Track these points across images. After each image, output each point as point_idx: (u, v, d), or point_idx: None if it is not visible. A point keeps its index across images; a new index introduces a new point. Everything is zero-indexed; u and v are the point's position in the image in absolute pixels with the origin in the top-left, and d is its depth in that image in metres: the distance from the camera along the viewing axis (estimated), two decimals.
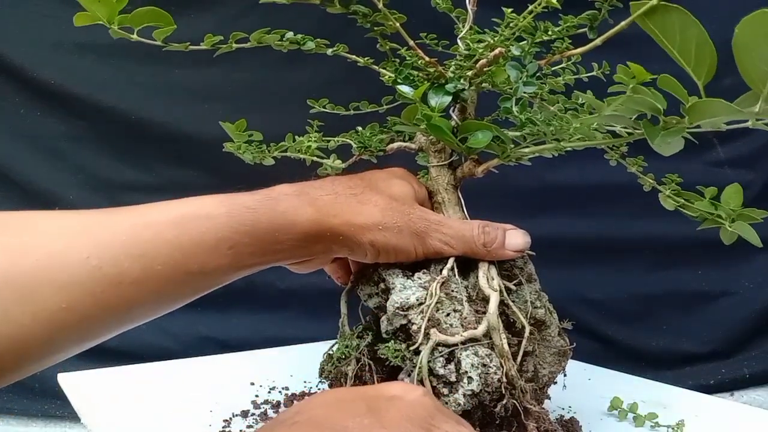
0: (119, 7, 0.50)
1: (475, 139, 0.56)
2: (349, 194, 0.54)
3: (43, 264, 0.43)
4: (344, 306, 0.60)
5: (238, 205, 0.49)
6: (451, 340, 0.52)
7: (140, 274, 0.45)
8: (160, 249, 0.46)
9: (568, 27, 0.61)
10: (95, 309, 0.44)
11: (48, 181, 1.21)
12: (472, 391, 0.51)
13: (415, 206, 0.57)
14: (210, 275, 0.49)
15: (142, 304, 0.47)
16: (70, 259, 0.44)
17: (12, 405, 1.25)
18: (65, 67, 1.16)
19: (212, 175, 1.20)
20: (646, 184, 0.63)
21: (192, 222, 0.48)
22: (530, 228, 0.61)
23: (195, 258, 0.47)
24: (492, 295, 0.55)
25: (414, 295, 0.55)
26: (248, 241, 0.49)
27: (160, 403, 0.66)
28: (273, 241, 0.50)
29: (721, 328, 1.23)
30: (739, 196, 0.56)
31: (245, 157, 0.65)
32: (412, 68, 0.60)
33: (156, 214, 0.48)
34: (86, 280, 0.44)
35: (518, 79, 0.54)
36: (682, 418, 0.67)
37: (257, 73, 1.10)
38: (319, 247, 0.53)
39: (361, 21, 0.62)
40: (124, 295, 0.45)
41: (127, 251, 0.45)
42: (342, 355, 0.58)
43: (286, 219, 0.50)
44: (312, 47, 0.61)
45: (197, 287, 0.50)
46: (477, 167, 0.62)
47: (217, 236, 0.48)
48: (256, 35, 0.59)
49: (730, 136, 1.15)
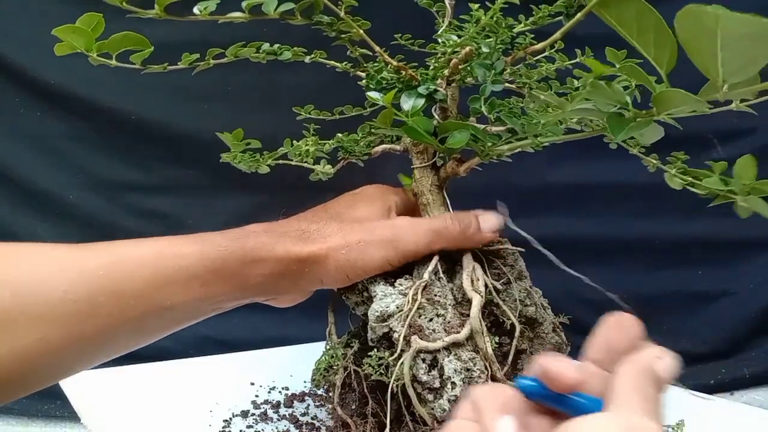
0: (95, 35, 0.51)
1: (453, 139, 0.55)
2: (313, 230, 0.56)
3: (21, 296, 0.44)
4: (331, 315, 0.60)
5: (209, 243, 0.51)
6: (432, 346, 0.52)
7: (114, 309, 0.47)
8: (135, 285, 0.48)
9: (542, 17, 0.60)
10: (70, 341, 0.45)
11: (48, 181, 1.20)
12: (456, 396, 0.50)
13: (383, 219, 0.58)
14: (183, 311, 0.51)
15: (116, 336, 0.48)
16: (47, 292, 0.45)
17: (12, 405, 1.25)
18: (65, 67, 1.15)
19: (212, 175, 1.20)
20: (650, 165, 0.61)
21: (165, 260, 0.49)
22: (530, 228, 0.61)
23: (168, 294, 0.49)
24: (474, 298, 0.54)
25: (394, 303, 0.54)
26: (219, 278, 0.51)
27: (160, 403, 0.66)
28: (243, 277, 0.52)
29: (721, 328, 1.23)
30: (754, 167, 0.51)
31: (241, 166, 0.65)
32: (382, 73, 0.60)
33: (131, 251, 0.49)
34: (62, 313, 0.45)
35: (486, 78, 0.54)
36: (682, 418, 0.67)
37: (257, 73, 1.10)
38: (287, 282, 0.54)
39: (326, 30, 0.61)
40: (98, 328, 0.46)
41: (102, 286, 0.46)
42: (328, 365, 0.58)
43: (255, 255, 0.52)
44: (289, 56, 0.61)
45: (171, 321, 0.52)
46: (459, 167, 0.62)
47: (188, 274, 0.50)
48: (233, 50, 0.59)
49: (730, 136, 1.15)
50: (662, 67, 0.40)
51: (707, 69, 0.37)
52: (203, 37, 0.59)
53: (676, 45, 0.39)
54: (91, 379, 0.70)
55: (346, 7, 0.57)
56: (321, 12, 0.58)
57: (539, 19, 0.59)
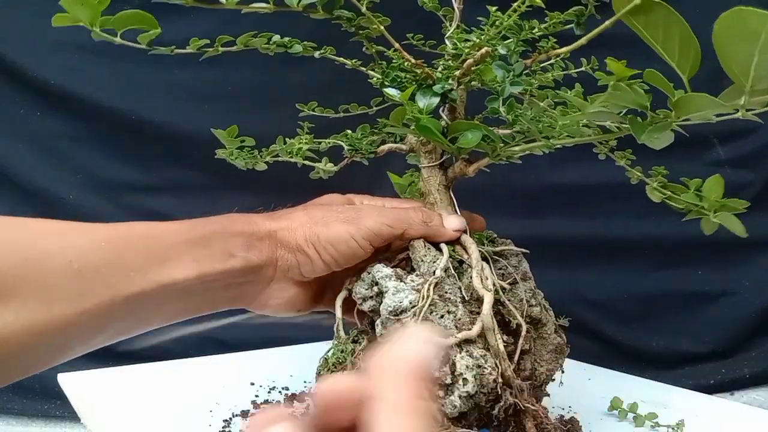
0: (101, 8, 0.50)
1: (465, 139, 0.56)
2: (280, 213, 0.61)
3: (28, 265, 0.45)
4: (339, 310, 0.60)
5: (194, 221, 0.55)
6: (445, 342, 0.52)
7: (116, 280, 0.48)
8: (135, 257, 0.50)
9: (554, 24, 0.61)
10: (74, 314, 0.46)
11: (48, 181, 1.20)
12: (468, 392, 0.51)
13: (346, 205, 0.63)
14: (178, 290, 0.52)
15: (117, 314, 0.49)
16: (53, 262, 0.45)
17: (12, 405, 1.25)
18: (65, 67, 1.15)
19: (212, 175, 1.20)
20: (633, 177, 0.63)
21: (161, 234, 0.52)
22: (530, 228, 0.61)
23: (165, 270, 0.51)
24: (486, 296, 0.55)
25: (407, 298, 0.54)
26: (208, 254, 0.53)
27: (160, 403, 0.66)
28: (228, 250, 0.55)
29: (721, 328, 1.23)
30: (720, 186, 0.56)
31: (237, 163, 0.65)
32: (399, 70, 0.60)
33: (129, 227, 0.52)
34: (67, 283, 0.46)
35: (505, 79, 0.54)
36: (682, 418, 0.67)
37: (258, 73, 1.10)
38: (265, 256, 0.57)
39: (345, 25, 0.61)
40: (101, 303, 0.47)
41: (105, 258, 0.48)
42: (337, 360, 0.58)
43: (234, 230, 0.56)
44: (299, 50, 0.61)
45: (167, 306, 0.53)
46: (468, 167, 0.62)
47: (181, 250, 0.52)
48: (243, 39, 0.59)
49: (730, 136, 1.15)
50: (685, 73, 0.41)
51: (737, 72, 0.38)
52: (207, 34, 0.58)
53: (699, 53, 0.40)
54: (91, 379, 0.70)
55: (368, 3, 0.57)
56: (341, 7, 0.59)
57: (551, 25, 0.60)
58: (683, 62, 0.41)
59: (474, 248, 0.60)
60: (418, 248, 0.59)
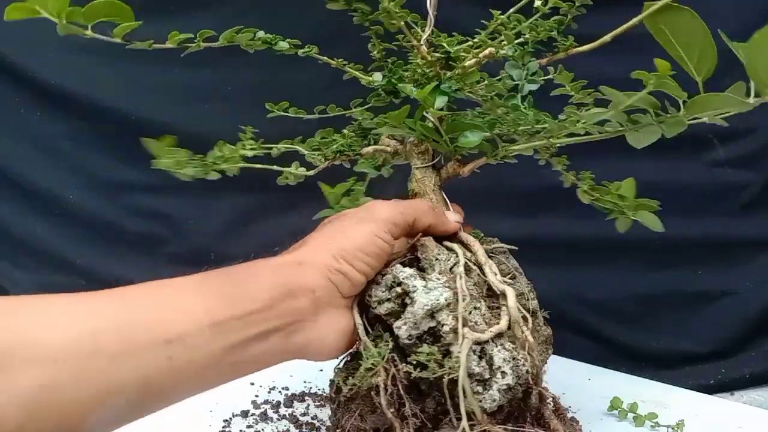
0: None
1: (466, 139, 0.56)
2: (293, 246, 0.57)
3: (19, 339, 0.41)
4: (357, 316, 0.57)
5: (206, 275, 0.50)
6: (483, 336, 0.53)
7: (117, 346, 0.43)
8: (137, 314, 0.45)
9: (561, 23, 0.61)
10: (74, 385, 0.42)
11: (48, 181, 1.20)
12: (508, 385, 0.52)
13: None
14: (189, 346, 0.47)
15: (121, 385, 0.44)
16: (45, 333, 0.42)
17: None
18: (65, 67, 1.15)
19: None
20: (566, 182, 0.68)
21: (168, 293, 0.48)
22: (530, 228, 0.61)
23: (173, 325, 0.46)
24: (508, 290, 0.56)
25: (442, 295, 0.54)
26: (221, 301, 0.48)
27: None
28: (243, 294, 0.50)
29: (721, 328, 1.22)
30: (632, 188, 0.65)
31: (185, 173, 0.62)
32: (403, 69, 0.60)
33: (133, 291, 0.47)
34: (62, 352, 0.41)
35: (521, 78, 0.55)
36: (682, 418, 0.67)
37: (258, 73, 1.10)
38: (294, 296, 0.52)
39: (360, 19, 0.61)
40: (102, 369, 0.43)
41: (104, 325, 0.44)
42: (371, 366, 0.55)
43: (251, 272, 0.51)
44: (285, 47, 0.61)
45: (177, 367, 0.47)
46: (462, 167, 0.62)
47: (188, 299, 0.47)
48: (227, 34, 0.58)
49: (730, 136, 1.15)
50: (701, 75, 0.44)
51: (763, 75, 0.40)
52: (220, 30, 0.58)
53: (716, 58, 0.43)
54: None
55: None
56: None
57: (542, 31, 0.60)
58: (701, 65, 0.43)
59: (478, 246, 0.61)
60: (430, 247, 0.59)
